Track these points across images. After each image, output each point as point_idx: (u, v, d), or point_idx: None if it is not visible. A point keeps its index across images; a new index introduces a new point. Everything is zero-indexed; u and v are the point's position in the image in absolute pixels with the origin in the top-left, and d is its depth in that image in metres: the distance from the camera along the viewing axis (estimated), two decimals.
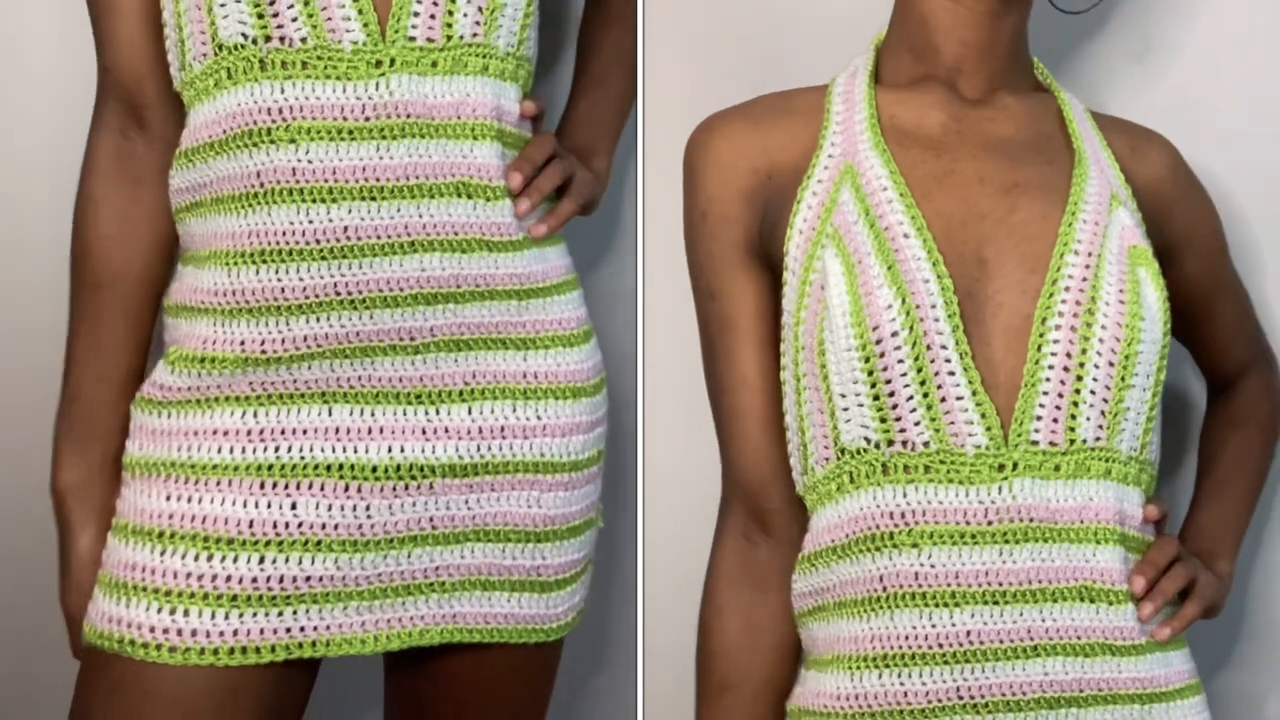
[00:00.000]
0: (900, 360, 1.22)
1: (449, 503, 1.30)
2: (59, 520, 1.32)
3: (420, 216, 1.26)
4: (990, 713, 1.21)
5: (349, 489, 1.27)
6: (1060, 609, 1.21)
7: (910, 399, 1.22)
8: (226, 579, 1.24)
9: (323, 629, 1.27)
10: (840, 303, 1.23)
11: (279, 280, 1.24)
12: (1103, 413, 1.24)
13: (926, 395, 1.22)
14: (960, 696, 1.21)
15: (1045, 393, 1.23)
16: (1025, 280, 1.25)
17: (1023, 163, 1.29)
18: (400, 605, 1.30)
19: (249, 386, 1.27)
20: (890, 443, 1.23)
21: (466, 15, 1.28)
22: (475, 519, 1.31)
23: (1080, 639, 1.22)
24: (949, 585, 1.21)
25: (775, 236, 1.31)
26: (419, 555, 1.30)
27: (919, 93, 1.32)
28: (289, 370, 1.26)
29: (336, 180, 1.24)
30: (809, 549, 1.29)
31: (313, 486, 1.26)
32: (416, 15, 1.26)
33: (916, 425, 1.22)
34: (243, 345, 1.25)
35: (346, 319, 1.26)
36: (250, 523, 1.25)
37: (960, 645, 1.21)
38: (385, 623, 1.30)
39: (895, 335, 1.22)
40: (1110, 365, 1.23)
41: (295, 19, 1.24)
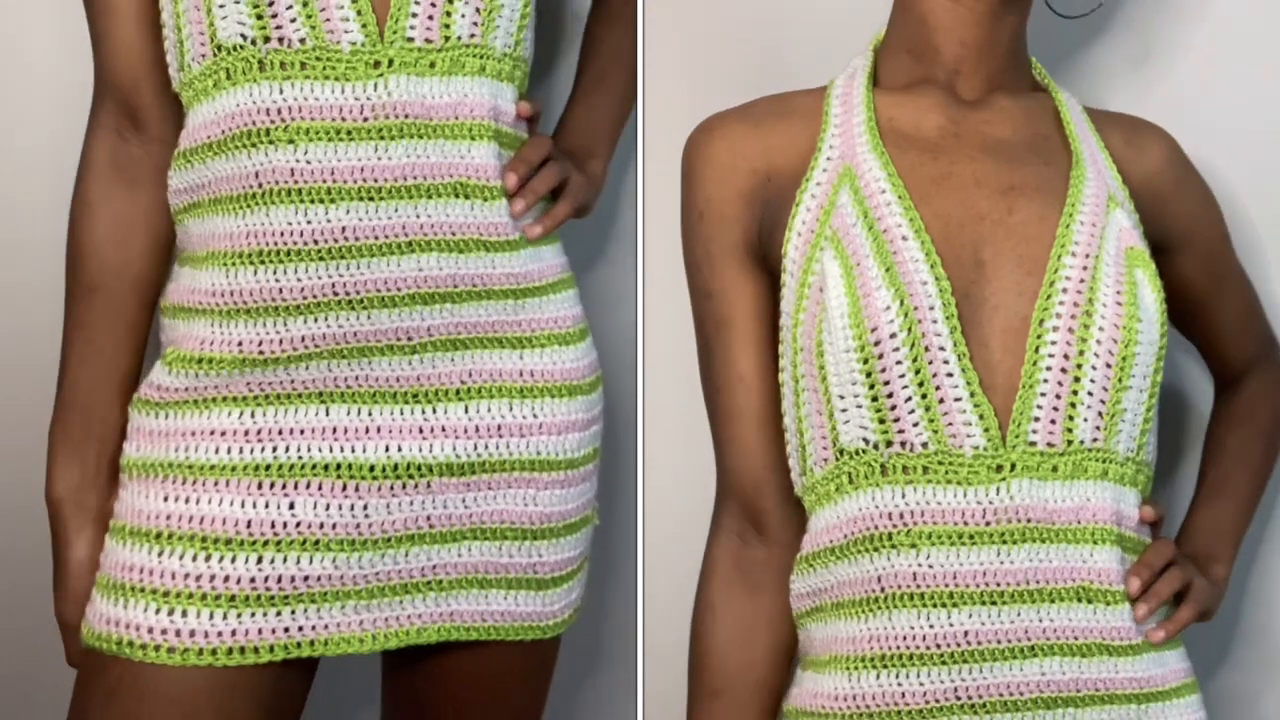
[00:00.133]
0: (899, 361, 1.22)
1: (446, 501, 1.30)
2: (54, 527, 1.31)
3: (418, 217, 1.26)
4: (988, 713, 1.21)
5: (346, 488, 1.27)
6: (1057, 609, 1.22)
7: (909, 400, 1.22)
8: (225, 579, 1.24)
9: (321, 628, 1.27)
10: (839, 304, 1.23)
11: (277, 281, 1.24)
12: (1100, 414, 1.24)
13: (925, 396, 1.22)
14: (958, 697, 1.21)
15: (1043, 394, 1.23)
16: (1023, 282, 1.25)
17: (1020, 164, 1.30)
18: (398, 604, 1.30)
19: (246, 387, 1.27)
20: (889, 444, 1.23)
21: (464, 16, 1.28)
22: (472, 517, 1.32)
23: (1077, 639, 1.22)
24: (947, 586, 1.21)
25: (774, 238, 1.31)
26: (416, 554, 1.30)
27: (917, 95, 1.32)
28: (286, 370, 1.27)
29: (335, 181, 1.24)
30: (807, 549, 1.29)
31: (310, 486, 1.27)
32: (415, 16, 1.27)
33: (915, 426, 1.22)
34: (240, 346, 1.26)
35: (344, 319, 1.26)
36: (248, 523, 1.25)
37: (958, 645, 1.21)
38: (383, 621, 1.30)
39: (894, 337, 1.22)
40: (1108, 367, 1.24)
41: (294, 20, 1.24)
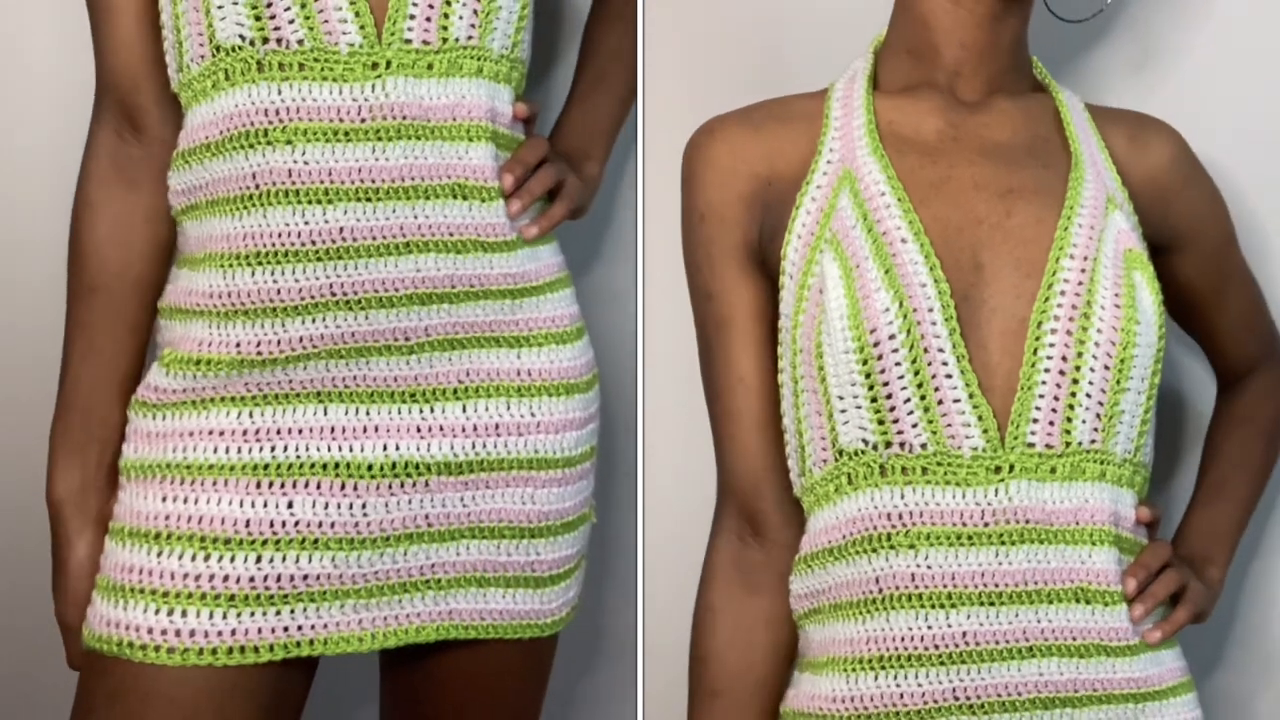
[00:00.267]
0: (897, 363, 1.22)
1: (444, 500, 1.31)
2: (54, 529, 1.31)
3: (415, 217, 1.26)
4: (986, 713, 1.21)
5: (345, 487, 1.28)
6: (1056, 610, 1.22)
7: (907, 401, 1.23)
8: (224, 579, 1.24)
9: (320, 627, 1.27)
10: (838, 306, 1.24)
11: (275, 282, 1.25)
12: (1098, 415, 1.24)
13: (924, 398, 1.23)
14: (956, 697, 1.21)
15: (1041, 396, 1.23)
16: (1021, 284, 1.25)
17: (1019, 167, 1.30)
18: (397, 603, 1.30)
19: (244, 387, 1.27)
20: (888, 444, 1.24)
21: (462, 18, 1.28)
22: (470, 516, 1.32)
23: (1075, 640, 1.22)
24: (945, 586, 1.22)
25: (774, 241, 1.31)
26: (415, 553, 1.30)
27: (917, 98, 1.33)
28: (284, 371, 1.27)
29: (332, 181, 1.24)
30: (806, 550, 1.30)
31: (309, 485, 1.27)
32: (412, 18, 1.27)
33: (914, 427, 1.23)
34: (238, 347, 1.26)
35: (342, 319, 1.26)
36: (247, 522, 1.25)
37: (956, 646, 1.21)
38: (382, 620, 1.30)
39: (893, 338, 1.23)
40: (1105, 369, 1.24)
41: (292, 21, 1.25)
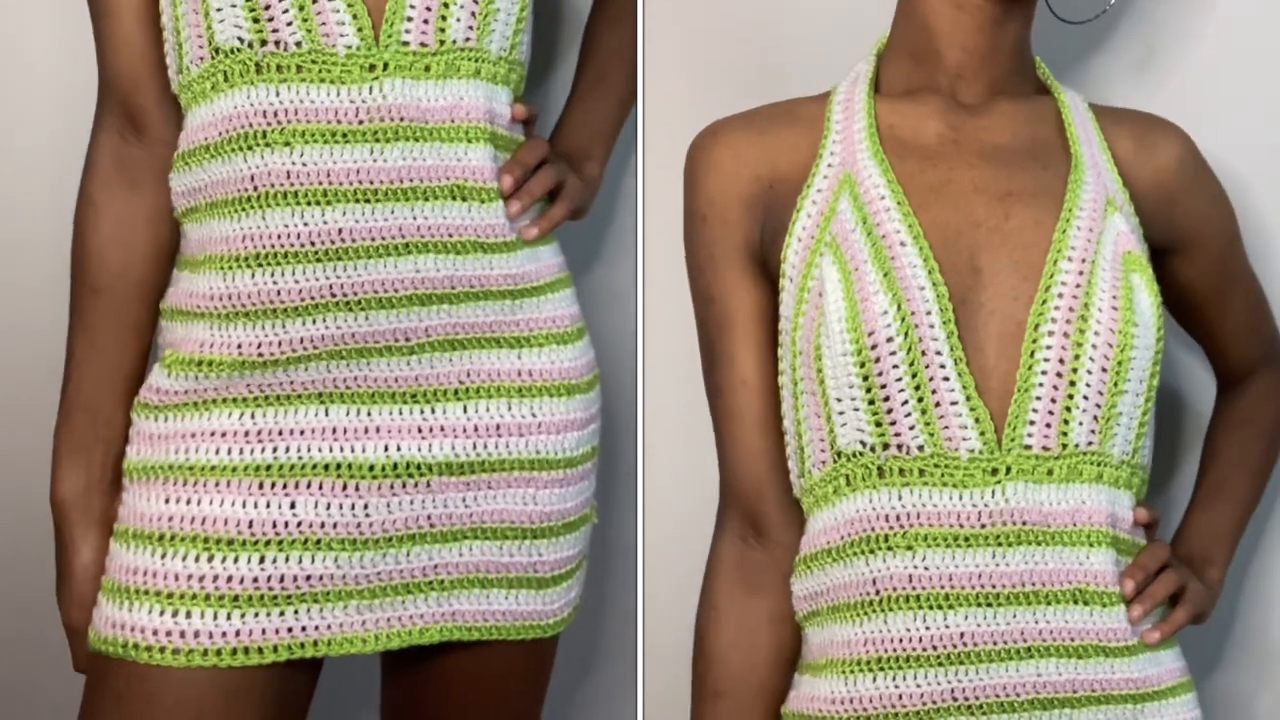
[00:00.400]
0: (895, 365, 1.23)
1: (446, 501, 1.31)
2: (58, 531, 1.32)
3: (415, 219, 1.26)
4: (985, 714, 1.22)
5: (347, 488, 1.28)
6: (1054, 611, 1.22)
7: (905, 403, 1.23)
8: (228, 579, 1.25)
9: (324, 628, 1.28)
10: (837, 309, 1.24)
11: (274, 283, 1.25)
12: (1095, 418, 1.24)
13: (921, 400, 1.23)
14: (955, 698, 1.21)
15: (1038, 398, 1.23)
16: (1018, 287, 1.25)
17: (1018, 170, 1.30)
18: (400, 604, 1.31)
19: (246, 388, 1.27)
20: (885, 446, 1.24)
21: (460, 20, 1.28)
22: (472, 517, 1.32)
23: (1074, 641, 1.23)
24: (942, 588, 1.22)
25: (775, 244, 1.32)
26: (417, 554, 1.31)
27: (917, 102, 1.33)
28: (285, 372, 1.27)
29: (331, 183, 1.25)
30: (805, 551, 1.30)
31: (311, 486, 1.27)
32: (410, 20, 1.27)
33: (911, 429, 1.23)
34: (239, 348, 1.26)
35: (342, 320, 1.26)
36: (250, 523, 1.26)
37: (954, 647, 1.22)
38: (385, 622, 1.31)
39: (890, 341, 1.23)
40: (1103, 371, 1.24)
41: (290, 23, 1.25)
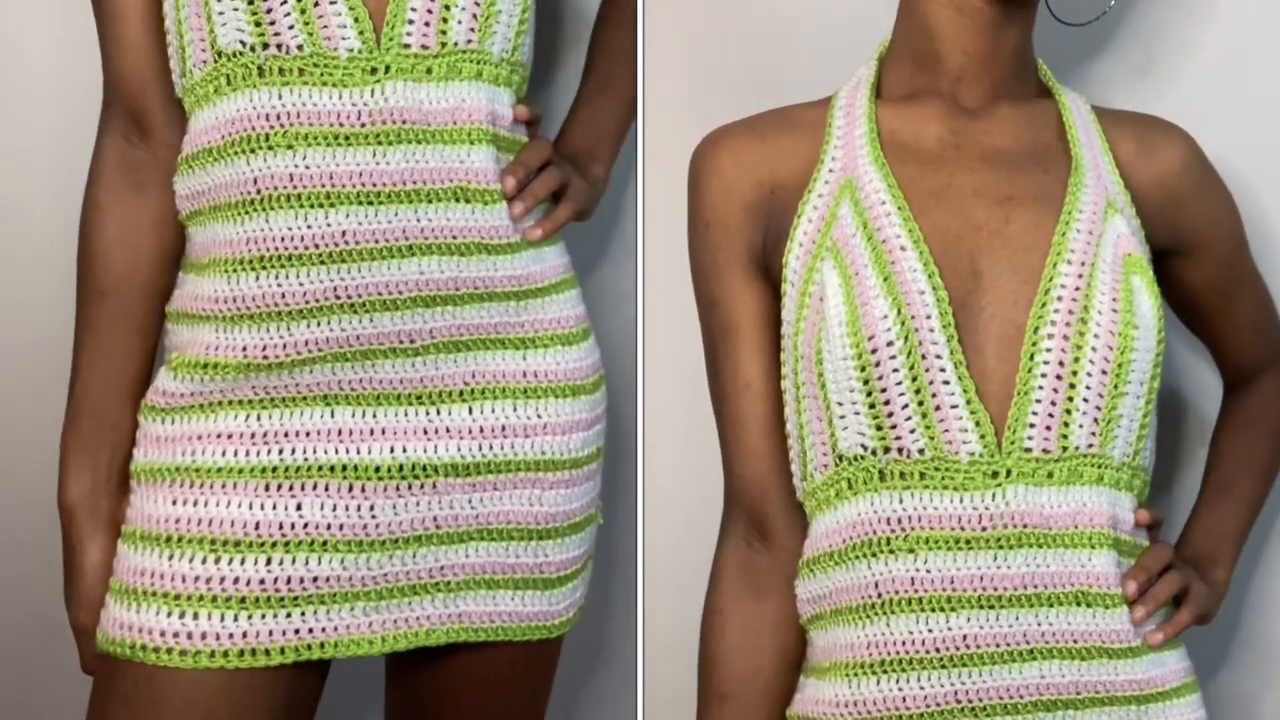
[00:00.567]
0: (895, 369, 1.23)
1: (452, 502, 1.32)
2: (66, 533, 1.32)
3: (418, 220, 1.27)
4: (988, 716, 1.22)
5: (353, 489, 1.28)
6: (1056, 613, 1.23)
7: (905, 407, 1.23)
8: (235, 581, 1.25)
9: (330, 630, 1.28)
10: (837, 313, 1.25)
11: (279, 286, 1.25)
12: (1095, 420, 1.24)
13: (921, 404, 1.23)
14: (958, 700, 1.22)
15: (1038, 401, 1.24)
16: (1018, 290, 1.26)
17: (1019, 173, 1.30)
18: (406, 605, 1.31)
19: (251, 390, 1.28)
20: (886, 450, 1.24)
21: (461, 22, 1.28)
22: (478, 518, 1.33)
23: (1076, 642, 1.23)
24: (944, 590, 1.22)
25: (777, 248, 1.32)
26: (424, 555, 1.31)
27: (918, 106, 1.33)
28: (291, 374, 1.28)
29: (334, 185, 1.25)
30: (808, 554, 1.31)
31: (317, 487, 1.28)
32: (411, 23, 1.27)
33: (912, 433, 1.24)
34: (245, 351, 1.26)
35: (346, 322, 1.27)
36: (256, 524, 1.26)
37: (957, 649, 1.22)
38: (392, 623, 1.31)
39: (890, 345, 1.23)
40: (1103, 374, 1.24)
41: (292, 27, 1.25)
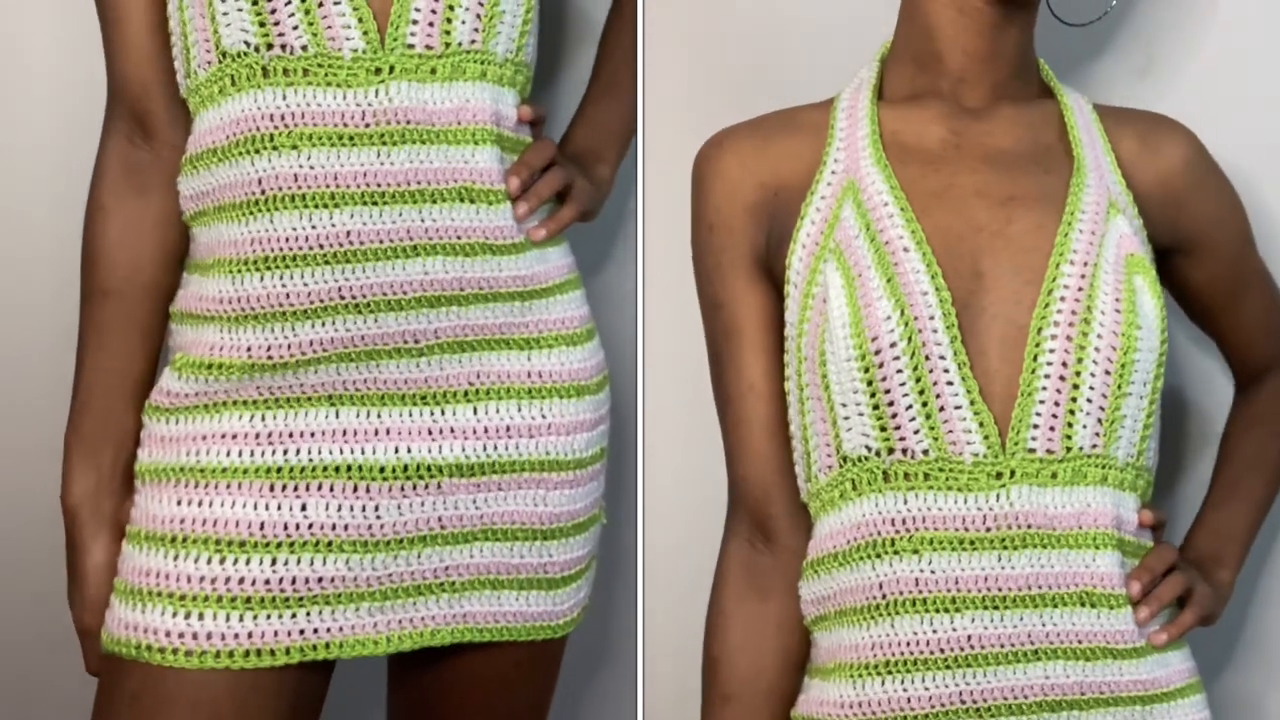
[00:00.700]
0: (899, 370, 1.23)
1: (457, 502, 1.32)
2: (69, 533, 1.32)
3: (422, 221, 1.27)
4: (993, 717, 1.22)
5: (358, 489, 1.28)
6: (1060, 614, 1.23)
7: (909, 408, 1.24)
8: (240, 581, 1.25)
9: (335, 630, 1.28)
10: (840, 314, 1.25)
11: (283, 286, 1.25)
12: (1099, 420, 1.25)
13: (925, 404, 1.23)
14: (962, 701, 1.22)
15: (1042, 401, 1.24)
16: (1021, 291, 1.26)
17: (1021, 174, 1.30)
18: (411, 605, 1.31)
19: (256, 391, 1.28)
20: (890, 451, 1.25)
21: (465, 23, 1.28)
22: (483, 518, 1.33)
23: (1081, 643, 1.23)
24: (949, 591, 1.22)
25: (779, 250, 1.33)
26: (429, 555, 1.31)
27: (920, 107, 1.33)
28: (295, 375, 1.28)
29: (338, 186, 1.25)
30: (812, 555, 1.31)
31: (322, 488, 1.28)
32: (415, 23, 1.27)
33: (916, 434, 1.24)
34: (249, 351, 1.26)
35: (351, 323, 1.27)
36: (261, 524, 1.26)
37: (961, 650, 1.22)
38: (397, 623, 1.31)
39: (894, 346, 1.23)
40: (1106, 374, 1.24)
41: (296, 27, 1.25)
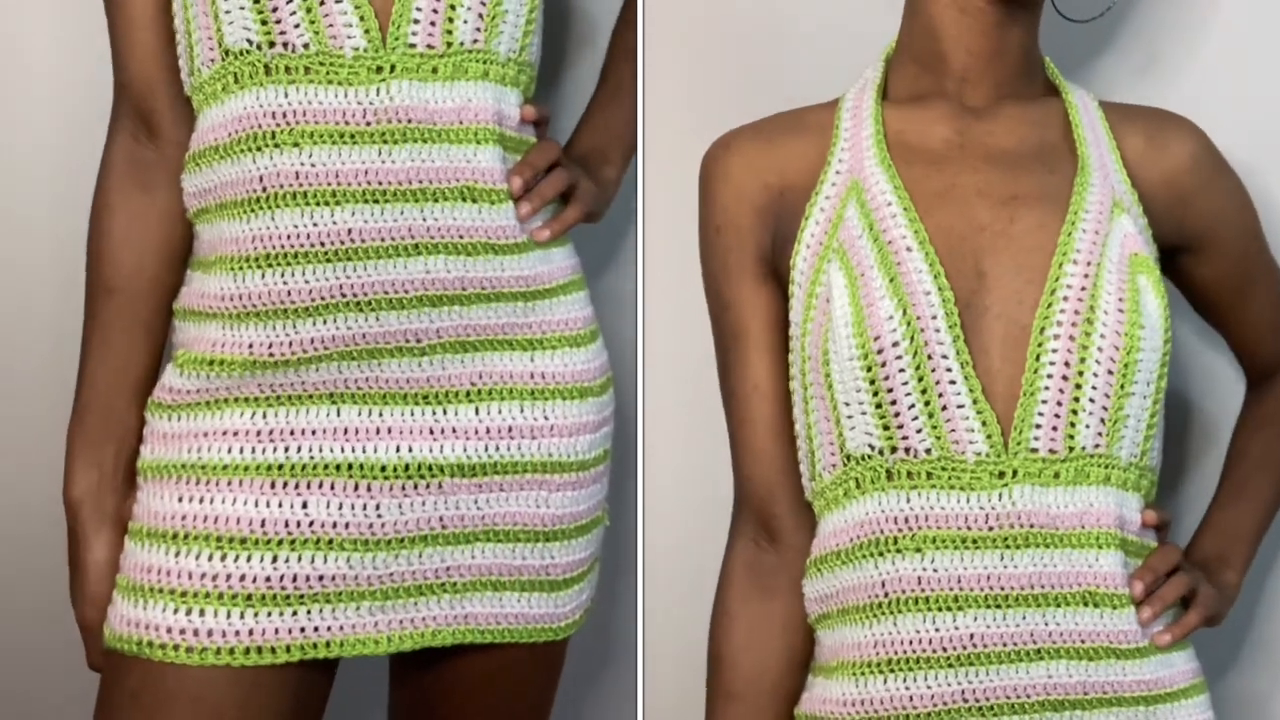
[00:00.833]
0: (901, 369, 1.24)
1: (458, 503, 1.31)
2: (71, 529, 1.32)
3: (424, 219, 1.27)
4: (995, 715, 1.22)
5: (359, 488, 1.28)
6: (1063, 613, 1.23)
7: (911, 407, 1.24)
8: (240, 578, 1.25)
9: (336, 629, 1.28)
10: (843, 314, 1.25)
11: (285, 283, 1.25)
12: (1102, 420, 1.25)
13: (928, 403, 1.24)
14: (965, 699, 1.22)
15: (1044, 401, 1.24)
16: (1023, 291, 1.26)
17: (1024, 173, 1.30)
18: (412, 605, 1.31)
19: (258, 388, 1.28)
20: (893, 449, 1.25)
21: (467, 22, 1.28)
22: (484, 519, 1.33)
23: (1084, 643, 1.23)
24: (951, 589, 1.23)
25: (784, 250, 1.33)
26: (430, 555, 1.31)
27: (924, 107, 1.34)
28: (297, 372, 1.28)
29: (339, 183, 1.25)
30: (816, 553, 1.31)
31: (323, 486, 1.28)
32: (416, 22, 1.27)
33: (918, 433, 1.24)
34: (250, 348, 1.27)
35: (353, 321, 1.27)
36: (262, 522, 1.26)
37: (964, 648, 1.22)
38: (398, 623, 1.31)
39: (896, 345, 1.24)
40: (1109, 373, 1.24)
41: (298, 25, 1.25)
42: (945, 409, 1.24)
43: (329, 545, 1.27)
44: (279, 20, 1.25)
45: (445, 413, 1.31)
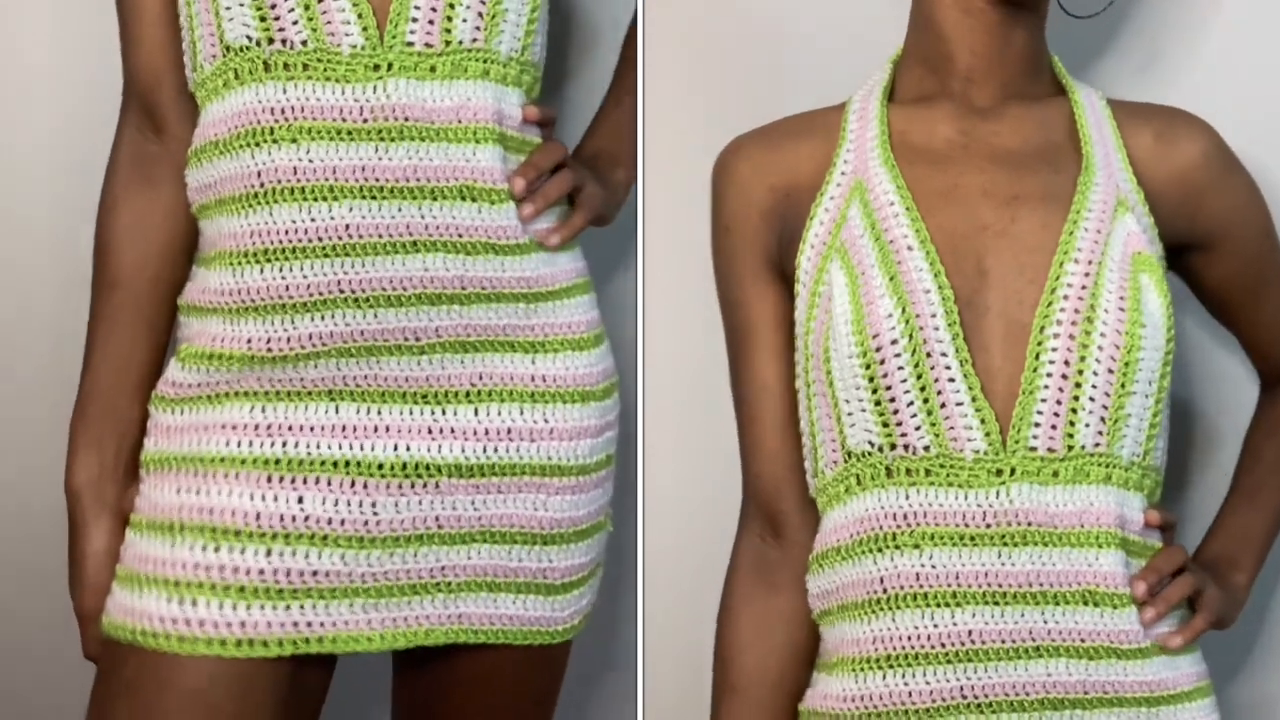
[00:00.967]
0: (900, 367, 1.24)
1: (455, 503, 1.31)
2: (71, 518, 1.33)
3: (422, 217, 1.27)
4: (994, 712, 1.22)
5: (355, 485, 1.28)
6: (1062, 612, 1.23)
7: (910, 404, 1.24)
8: (234, 570, 1.25)
9: (329, 624, 1.28)
10: (843, 312, 1.26)
11: (283, 279, 1.25)
12: (1102, 419, 1.25)
13: (926, 401, 1.24)
14: (964, 696, 1.22)
15: (1043, 399, 1.24)
16: (1024, 289, 1.26)
17: (1027, 172, 1.31)
18: (406, 604, 1.31)
19: (257, 382, 1.28)
20: (893, 447, 1.25)
21: (466, 20, 1.28)
22: (481, 520, 1.32)
23: (1084, 642, 1.23)
24: (949, 586, 1.23)
25: (790, 250, 1.34)
26: (425, 554, 1.31)
27: (929, 108, 1.34)
28: (295, 368, 1.28)
29: (336, 179, 1.25)
30: (818, 549, 1.31)
31: (319, 482, 1.27)
32: (415, 20, 1.27)
33: (917, 430, 1.24)
34: (249, 343, 1.27)
35: (351, 317, 1.27)
36: (257, 514, 1.26)
37: (962, 645, 1.22)
38: (391, 621, 1.31)
39: (895, 343, 1.24)
40: (1110, 372, 1.24)
41: (296, 22, 1.26)
42: (944, 406, 1.24)
43: (324, 541, 1.27)
44: (278, 17, 1.26)
45: (444, 412, 1.31)
